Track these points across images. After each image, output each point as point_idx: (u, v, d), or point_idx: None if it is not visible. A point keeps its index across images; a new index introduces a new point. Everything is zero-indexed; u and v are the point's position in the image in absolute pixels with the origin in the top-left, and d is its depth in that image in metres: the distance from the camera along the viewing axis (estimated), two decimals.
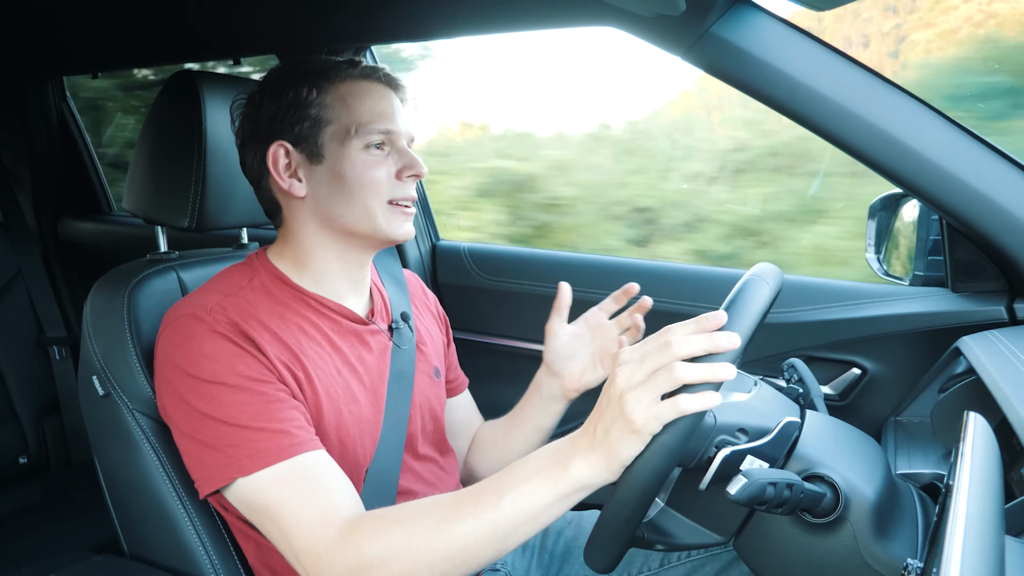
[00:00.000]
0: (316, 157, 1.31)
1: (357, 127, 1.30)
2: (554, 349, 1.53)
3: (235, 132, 1.40)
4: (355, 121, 1.30)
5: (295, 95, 1.31)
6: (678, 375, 0.93)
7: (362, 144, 1.30)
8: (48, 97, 3.12)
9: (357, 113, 1.30)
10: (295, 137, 1.31)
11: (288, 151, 1.32)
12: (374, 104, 1.32)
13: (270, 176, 1.33)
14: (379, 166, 1.32)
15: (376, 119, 1.31)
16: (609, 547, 1.00)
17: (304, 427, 1.20)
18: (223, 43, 2.41)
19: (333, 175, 1.31)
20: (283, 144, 1.31)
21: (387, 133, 1.32)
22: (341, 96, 1.31)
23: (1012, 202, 1.44)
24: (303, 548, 1.10)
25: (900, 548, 0.98)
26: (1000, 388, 1.12)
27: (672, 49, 1.55)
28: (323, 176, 1.31)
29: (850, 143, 1.49)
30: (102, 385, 1.36)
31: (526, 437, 1.60)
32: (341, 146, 1.30)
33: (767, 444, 1.02)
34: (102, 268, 1.51)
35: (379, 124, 1.31)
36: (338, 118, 1.30)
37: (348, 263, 1.39)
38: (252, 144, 1.35)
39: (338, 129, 1.30)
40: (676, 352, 0.94)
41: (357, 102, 1.31)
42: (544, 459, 1.03)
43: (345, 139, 1.30)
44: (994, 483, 0.77)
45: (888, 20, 3.47)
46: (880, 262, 1.83)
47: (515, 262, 2.28)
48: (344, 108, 1.31)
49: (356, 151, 1.30)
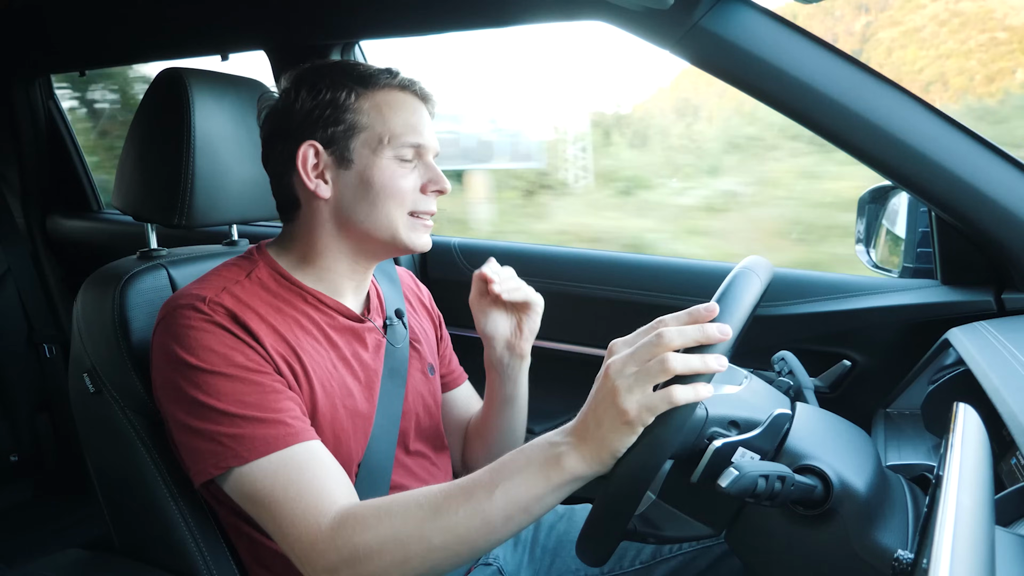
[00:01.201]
0: (345, 161, 1.32)
1: (390, 138, 1.31)
2: (479, 322, 1.52)
3: (260, 126, 1.40)
4: (389, 131, 1.31)
5: (333, 97, 1.31)
6: (670, 366, 0.93)
7: (393, 155, 1.32)
8: (36, 95, 3.11)
9: (392, 124, 1.32)
10: (327, 138, 1.31)
11: (318, 151, 1.31)
12: (408, 116, 1.34)
13: (296, 174, 1.32)
14: (406, 178, 1.33)
15: (409, 132, 1.33)
16: (601, 540, 1.00)
17: (300, 417, 1.20)
18: (211, 39, 2.40)
19: (361, 181, 1.31)
20: (314, 144, 1.31)
21: (417, 147, 1.34)
22: (377, 104, 1.32)
23: (1001, 194, 1.45)
24: (297, 538, 1.10)
25: (890, 539, 0.99)
26: (989, 379, 1.13)
27: (661, 43, 1.55)
28: (350, 181, 1.32)
29: (839, 135, 1.49)
30: (93, 383, 1.36)
31: (498, 413, 1.59)
32: (372, 154, 1.31)
33: (758, 436, 1.03)
34: (92, 266, 1.51)
35: (411, 137, 1.33)
36: (372, 126, 1.31)
37: (356, 265, 1.40)
38: (280, 140, 1.34)
39: (371, 137, 1.31)
40: (668, 343, 0.95)
41: (392, 112, 1.32)
42: (536, 451, 1.04)
43: (377, 148, 1.31)
44: (984, 474, 0.78)
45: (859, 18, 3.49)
46: (869, 254, 1.84)
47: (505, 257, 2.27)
48: (379, 117, 1.32)
49: (387, 161, 1.31)
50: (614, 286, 2.07)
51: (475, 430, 1.69)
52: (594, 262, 2.15)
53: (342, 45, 2.25)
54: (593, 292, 2.10)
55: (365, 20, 2.09)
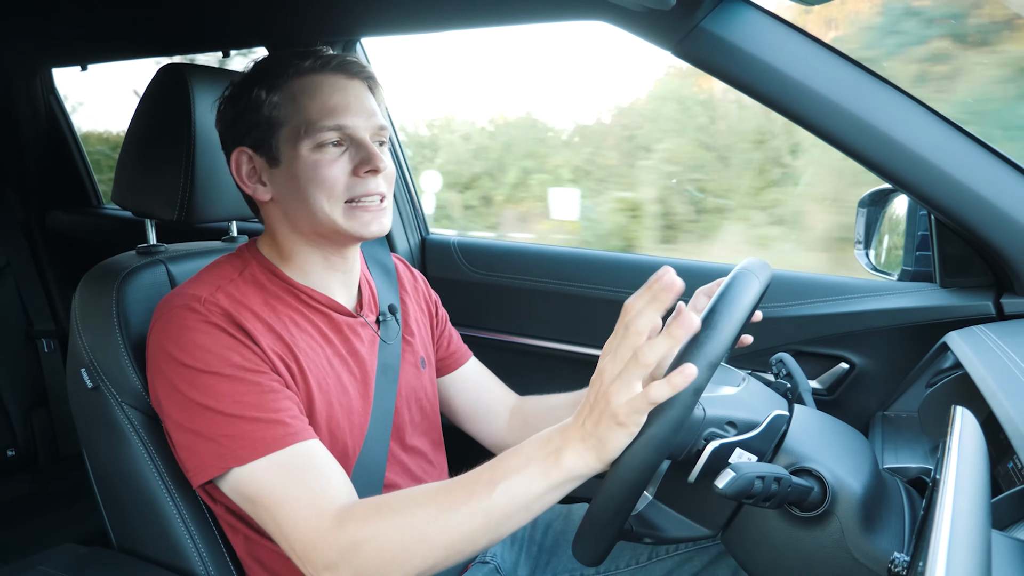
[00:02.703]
0: (273, 161, 1.29)
1: (307, 126, 1.25)
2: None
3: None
4: (304, 120, 1.26)
5: (249, 98, 1.29)
6: (643, 359, 0.90)
7: (313, 144, 1.26)
8: (36, 90, 3.11)
9: (307, 111, 1.26)
10: (254, 142, 1.29)
11: (250, 156, 1.31)
12: (325, 99, 1.27)
13: (236, 182, 1.33)
14: (332, 165, 1.27)
15: (326, 115, 1.26)
16: (597, 540, 1.00)
17: (298, 417, 1.20)
18: (213, 35, 2.40)
19: (289, 178, 1.28)
20: (244, 150, 1.30)
21: (340, 129, 1.27)
22: (292, 94, 1.27)
23: (1000, 197, 1.45)
24: (297, 537, 1.10)
25: (887, 542, 0.99)
26: (987, 383, 1.13)
27: (662, 44, 1.55)
28: (281, 179, 1.30)
29: (840, 138, 1.49)
30: (91, 378, 1.35)
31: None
32: (293, 148, 1.27)
33: (755, 437, 1.03)
34: (91, 261, 1.51)
35: (329, 120, 1.26)
36: (289, 118, 1.27)
37: (329, 258, 1.37)
38: (224, 149, 1.35)
39: (290, 130, 1.27)
40: (637, 330, 0.92)
41: (308, 99, 1.27)
42: (536, 449, 1.04)
43: (296, 140, 1.26)
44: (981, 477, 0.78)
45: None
46: (869, 257, 1.84)
47: (504, 256, 2.28)
48: (294, 107, 1.27)
49: (307, 151, 1.26)
50: (614, 286, 2.07)
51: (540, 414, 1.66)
52: (594, 262, 2.15)
53: (343, 43, 2.25)
54: (593, 292, 2.10)
55: (366, 18, 2.09)
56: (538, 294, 2.20)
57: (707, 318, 0.99)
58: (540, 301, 2.20)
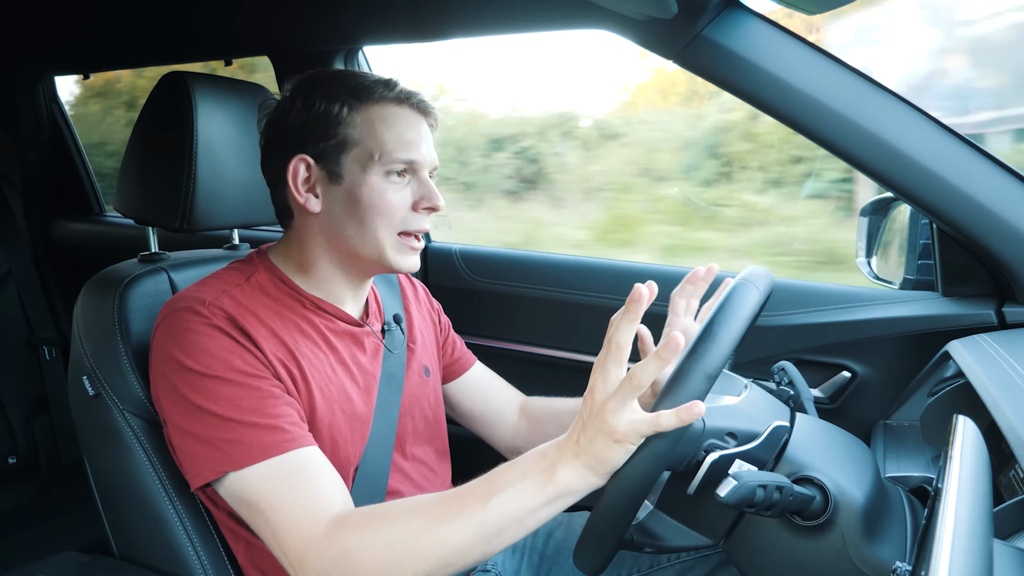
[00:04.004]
0: (336, 177, 1.30)
1: (381, 153, 1.28)
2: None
3: (260, 132, 1.39)
4: (380, 147, 1.28)
5: (326, 110, 1.29)
6: (636, 381, 0.94)
7: (383, 171, 1.29)
8: (39, 98, 3.11)
9: (383, 139, 1.28)
10: (318, 153, 1.30)
11: (309, 166, 1.30)
12: (402, 132, 1.30)
13: (288, 187, 1.32)
14: (396, 194, 1.30)
15: (401, 148, 1.29)
16: (598, 549, 1.00)
17: (297, 423, 1.20)
18: (215, 44, 2.41)
19: (349, 197, 1.29)
20: (305, 158, 1.30)
21: (410, 163, 1.31)
22: (370, 119, 1.29)
23: (1002, 206, 1.45)
24: (290, 544, 1.10)
25: (889, 551, 0.99)
26: (989, 392, 1.13)
27: (664, 52, 1.55)
28: (339, 197, 1.30)
29: (842, 147, 1.49)
30: (92, 385, 1.35)
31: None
32: (362, 171, 1.28)
33: (756, 448, 1.03)
34: (92, 269, 1.51)
35: (403, 153, 1.29)
36: (363, 141, 1.29)
37: (350, 278, 1.39)
38: (275, 150, 1.34)
39: (362, 152, 1.28)
40: (618, 344, 0.95)
41: (385, 128, 1.29)
42: (531, 464, 1.04)
43: (367, 164, 1.28)
44: (983, 486, 0.77)
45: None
46: (870, 265, 1.84)
47: (507, 264, 2.28)
48: (371, 132, 1.29)
49: (376, 177, 1.28)
50: (616, 294, 2.07)
51: (545, 417, 1.66)
52: (596, 270, 2.15)
53: (345, 51, 2.25)
54: (595, 300, 2.10)
55: (368, 26, 2.09)
56: (540, 302, 2.19)
57: (706, 329, 0.99)
58: (542, 309, 2.20)
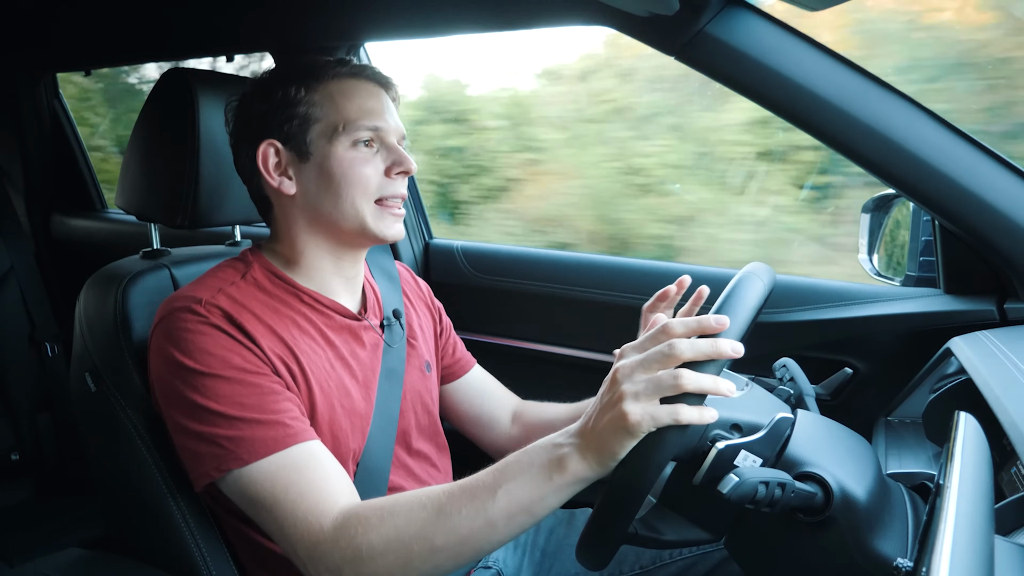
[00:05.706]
0: (304, 155, 1.32)
1: (345, 124, 1.30)
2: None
3: (229, 132, 1.40)
4: (343, 118, 1.30)
5: (284, 94, 1.31)
6: (682, 383, 0.92)
7: (349, 141, 1.31)
8: (40, 94, 3.11)
9: (345, 111, 1.31)
10: (284, 136, 1.32)
11: (278, 150, 1.32)
12: (362, 102, 1.33)
13: (261, 175, 1.33)
14: (367, 163, 1.32)
15: (364, 116, 1.31)
16: (601, 545, 1.00)
17: (299, 418, 1.20)
18: (216, 40, 2.40)
19: (321, 173, 1.31)
20: (273, 143, 1.32)
21: (375, 130, 1.33)
22: (330, 94, 1.32)
23: (1004, 203, 1.45)
24: (299, 539, 1.11)
25: (890, 547, 0.99)
26: (990, 389, 1.13)
27: (665, 49, 1.55)
28: (311, 174, 1.32)
29: (843, 143, 1.49)
30: (94, 381, 1.36)
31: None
32: (329, 144, 1.30)
33: (760, 440, 1.03)
34: (95, 265, 1.51)
35: (367, 121, 1.31)
36: (326, 116, 1.31)
37: (340, 260, 1.39)
38: (244, 143, 1.35)
39: (326, 127, 1.31)
40: (679, 355, 0.94)
41: (345, 100, 1.32)
42: (540, 452, 1.04)
43: (333, 136, 1.30)
44: (984, 483, 0.78)
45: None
46: (872, 262, 1.84)
47: (509, 260, 2.28)
48: (332, 106, 1.31)
49: (343, 148, 1.31)
50: (618, 291, 2.07)
51: (539, 425, 1.65)
52: (598, 267, 2.15)
53: (347, 47, 2.25)
54: (598, 297, 2.10)
55: (369, 22, 2.09)
56: (542, 299, 2.20)
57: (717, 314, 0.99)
58: (544, 306, 2.20)
